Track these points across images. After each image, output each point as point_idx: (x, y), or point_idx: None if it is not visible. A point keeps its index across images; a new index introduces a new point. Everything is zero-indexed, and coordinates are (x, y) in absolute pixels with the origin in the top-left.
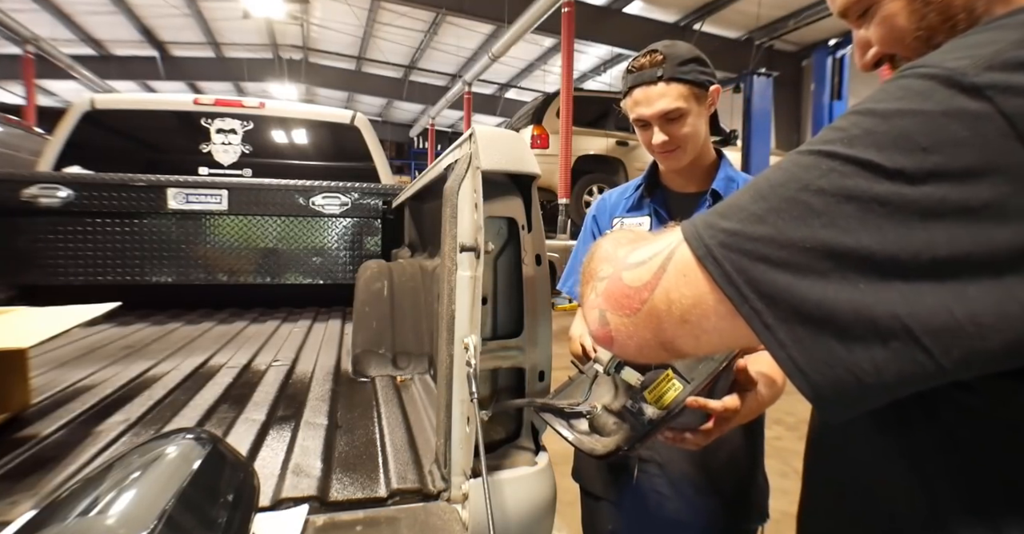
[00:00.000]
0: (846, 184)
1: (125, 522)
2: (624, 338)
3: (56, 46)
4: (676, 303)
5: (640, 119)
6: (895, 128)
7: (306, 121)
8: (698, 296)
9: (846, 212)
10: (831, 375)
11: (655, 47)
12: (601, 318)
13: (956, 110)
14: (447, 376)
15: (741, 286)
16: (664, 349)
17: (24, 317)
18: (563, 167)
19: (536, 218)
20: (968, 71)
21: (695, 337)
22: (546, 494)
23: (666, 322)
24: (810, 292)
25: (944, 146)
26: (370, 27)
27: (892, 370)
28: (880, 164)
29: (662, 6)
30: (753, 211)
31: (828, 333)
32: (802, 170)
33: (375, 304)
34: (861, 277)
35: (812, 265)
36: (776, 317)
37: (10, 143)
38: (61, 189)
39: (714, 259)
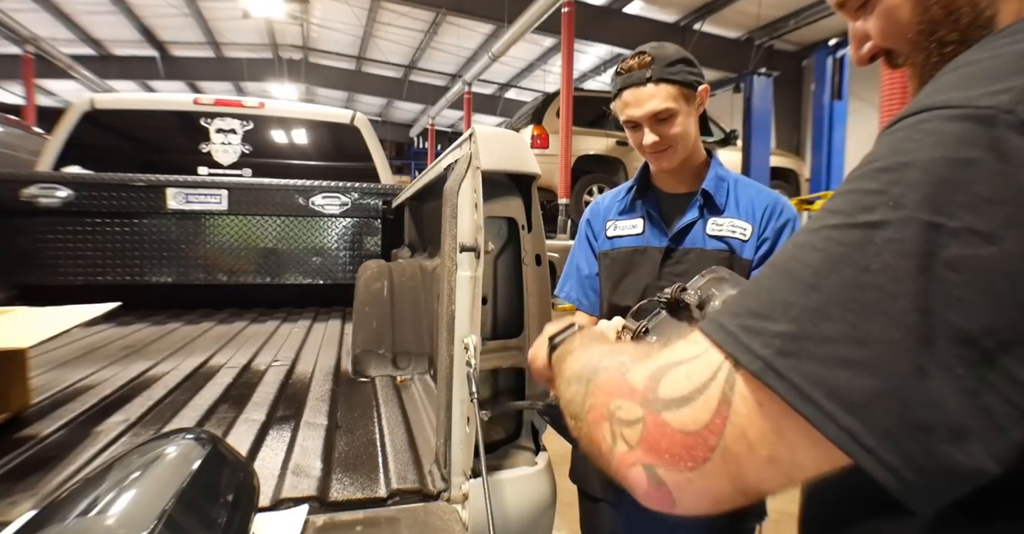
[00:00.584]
0: (911, 252)
1: (125, 522)
2: (693, 497)
3: (56, 46)
4: (759, 442)
5: (630, 120)
6: (947, 181)
7: (306, 121)
8: (780, 430)
9: (922, 287)
10: (952, 484)
11: (643, 49)
12: (651, 477)
13: (1014, 152)
14: (447, 376)
15: (821, 402)
16: (745, 496)
17: (24, 317)
18: (563, 167)
19: (536, 218)
20: (1014, 107)
21: (786, 475)
22: (546, 494)
23: (748, 467)
24: (910, 393)
25: (1011, 194)
26: (370, 27)
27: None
28: (941, 224)
29: (662, 6)
30: (807, 306)
31: (943, 440)
32: (852, 249)
33: (375, 304)
34: (959, 361)
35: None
36: (875, 433)
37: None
38: (61, 189)
39: (777, 374)
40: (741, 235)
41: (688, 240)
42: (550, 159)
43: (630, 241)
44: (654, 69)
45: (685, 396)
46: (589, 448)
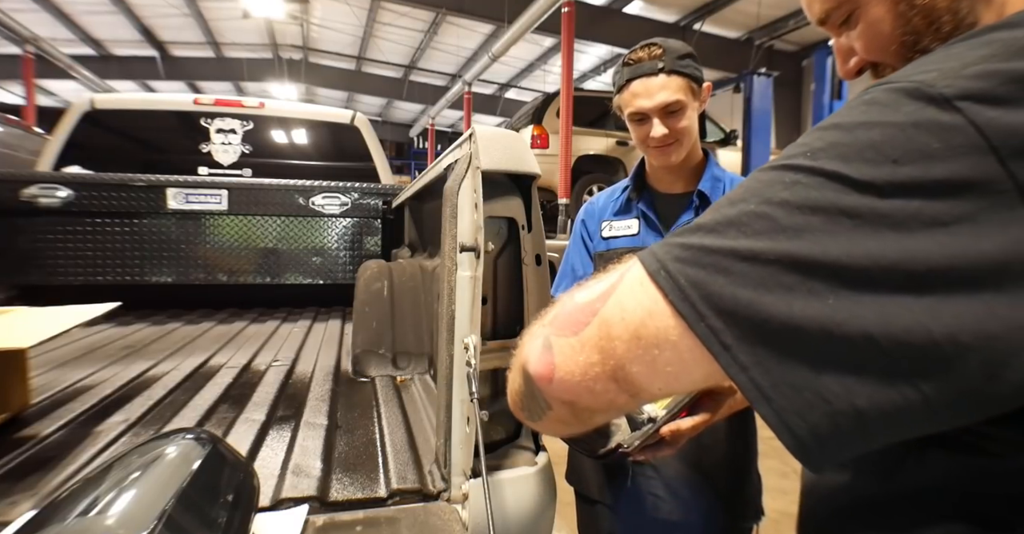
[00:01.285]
0: (811, 196)
1: (125, 522)
2: (568, 363)
3: (56, 46)
4: (631, 313)
5: (639, 112)
6: (861, 140)
7: (306, 121)
8: (652, 311)
9: (812, 224)
10: (798, 401)
11: (652, 41)
12: (544, 344)
13: (926, 121)
14: (447, 376)
15: (696, 302)
16: (614, 378)
17: (24, 317)
18: (563, 167)
19: (536, 218)
20: (936, 83)
21: (651, 362)
22: (546, 494)
23: (618, 337)
24: (775, 308)
25: (916, 158)
26: (370, 27)
27: (864, 395)
28: (847, 175)
29: (662, 6)
30: (711, 227)
31: (794, 353)
32: (764, 185)
33: (375, 304)
34: (830, 291)
35: (777, 278)
36: (736, 336)
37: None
38: (61, 189)
39: (667, 274)
40: None
41: None
42: (550, 159)
43: (625, 242)
44: (666, 60)
45: (594, 282)
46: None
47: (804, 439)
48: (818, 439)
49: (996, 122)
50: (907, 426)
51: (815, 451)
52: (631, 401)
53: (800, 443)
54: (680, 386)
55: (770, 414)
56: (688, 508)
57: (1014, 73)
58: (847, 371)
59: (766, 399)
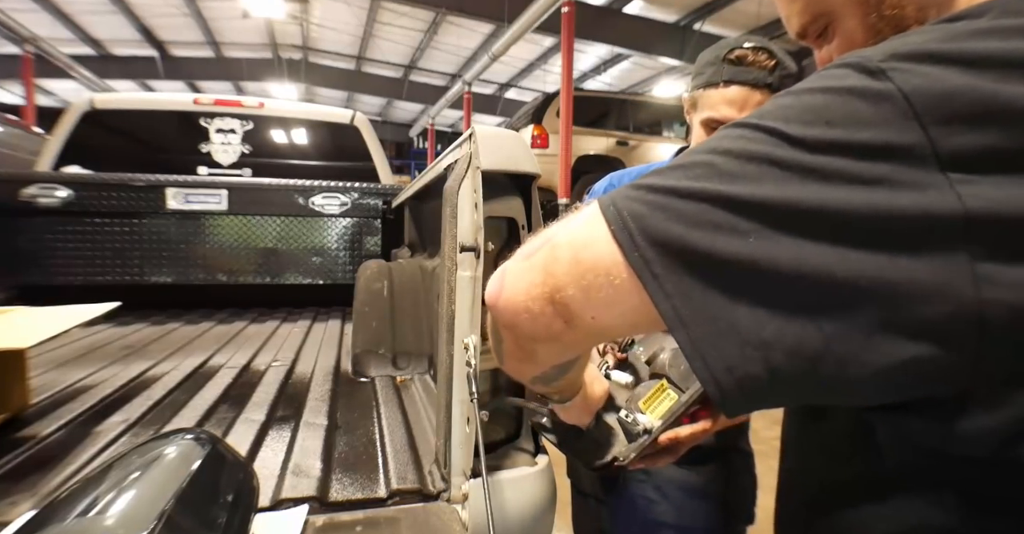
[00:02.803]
0: (749, 147)
1: (124, 522)
2: (515, 282)
3: (55, 46)
4: (575, 238)
5: (721, 121)
6: (804, 103)
7: (306, 121)
8: (595, 237)
9: (746, 170)
10: (712, 330)
11: (766, 45)
12: (501, 271)
13: (860, 88)
14: (447, 376)
15: (634, 233)
16: (551, 301)
17: (24, 317)
18: (563, 167)
19: (536, 218)
20: (875, 57)
21: (585, 287)
22: (546, 494)
23: (561, 259)
24: (702, 242)
25: (847, 122)
26: (370, 27)
27: (771, 328)
28: (784, 132)
29: (662, 6)
30: (661, 171)
31: (715, 286)
32: (716, 139)
33: (375, 304)
34: (753, 230)
35: (708, 216)
36: (665, 266)
37: (9, 143)
38: (60, 189)
39: (615, 208)
40: None
41: None
42: (550, 159)
43: None
44: (775, 76)
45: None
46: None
47: (715, 370)
48: (729, 371)
49: (921, 89)
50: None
51: (725, 385)
52: (566, 330)
53: (711, 373)
54: (610, 317)
55: (686, 341)
56: (680, 510)
57: (945, 51)
58: (759, 304)
59: (684, 325)
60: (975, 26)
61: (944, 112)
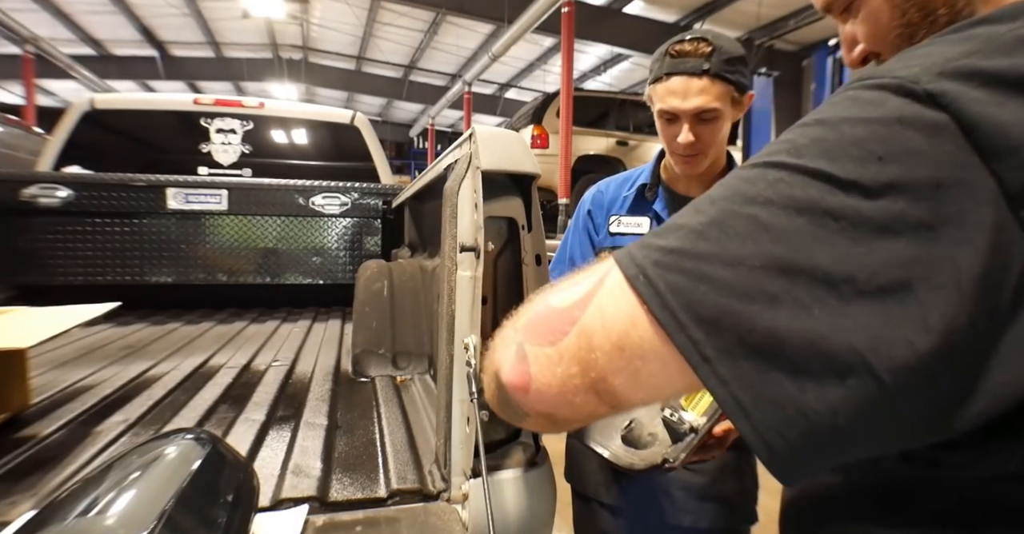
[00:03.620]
0: (796, 195)
1: (125, 522)
2: (545, 375)
3: (56, 46)
4: (612, 321)
5: (670, 112)
6: (846, 136)
7: (306, 121)
8: (634, 320)
9: (797, 226)
10: (779, 418)
11: (703, 35)
12: (518, 353)
13: (911, 118)
14: (447, 376)
15: (676, 310)
16: (594, 391)
17: (24, 317)
18: (563, 167)
19: (536, 218)
20: (920, 78)
21: (633, 373)
22: (547, 494)
23: (599, 348)
24: (758, 319)
25: (901, 156)
26: (370, 27)
27: (851, 415)
28: (832, 174)
29: (662, 6)
30: (692, 227)
31: (777, 368)
32: (746, 183)
33: (375, 304)
34: (815, 301)
35: (762, 286)
36: (716, 348)
37: (9, 143)
38: (61, 189)
39: (647, 279)
40: None
41: None
42: (550, 159)
43: (633, 241)
44: (713, 61)
45: (572, 284)
46: (487, 371)
47: (782, 456)
48: (795, 455)
49: (977, 119)
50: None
51: (790, 468)
52: (611, 411)
53: (777, 459)
54: (663, 396)
55: (748, 430)
56: (684, 510)
57: (994, 72)
58: (831, 388)
59: (745, 414)
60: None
61: (1006, 144)
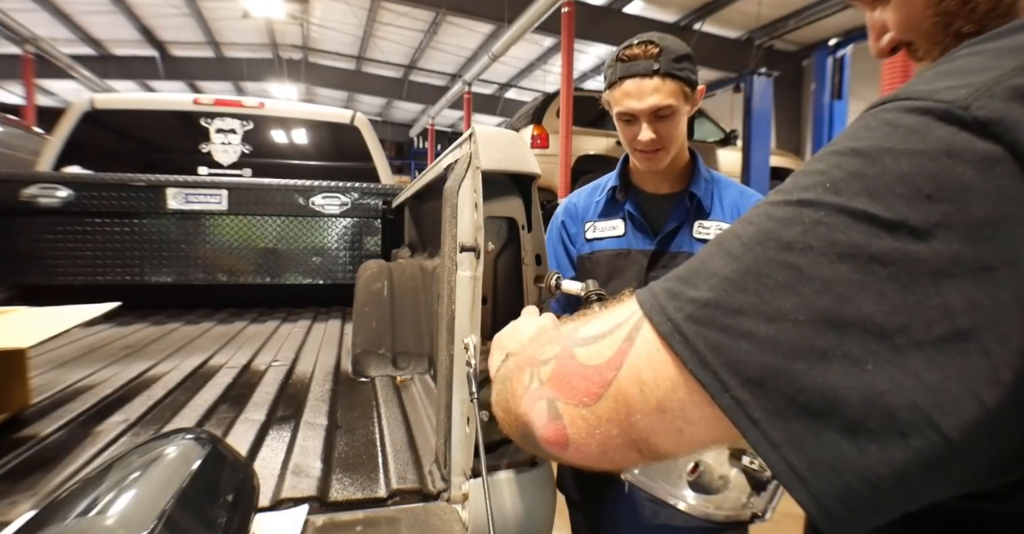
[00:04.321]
0: (837, 239)
1: (125, 522)
2: (583, 436)
3: (56, 46)
4: (651, 386)
5: (628, 113)
6: (889, 171)
7: (306, 121)
8: (673, 384)
9: (842, 274)
10: (839, 484)
11: (649, 38)
12: (551, 410)
13: (961, 150)
14: (447, 376)
15: (719, 370)
16: (636, 449)
17: (24, 317)
18: (563, 167)
19: (536, 218)
20: (969, 104)
21: (677, 432)
22: (546, 494)
23: (638, 411)
24: (807, 377)
25: (952, 193)
26: (370, 27)
27: (915, 476)
28: (876, 215)
29: (662, 6)
30: (726, 276)
31: (832, 428)
32: (780, 225)
33: (375, 304)
34: (868, 356)
35: (809, 342)
36: (765, 409)
37: (9, 143)
38: (61, 189)
39: (683, 337)
40: None
41: (675, 244)
42: (550, 159)
43: (611, 244)
44: (662, 62)
45: (598, 335)
46: (508, 393)
47: (842, 523)
48: (856, 521)
49: None
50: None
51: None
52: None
53: (837, 527)
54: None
55: (807, 500)
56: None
57: None
58: (894, 449)
59: (803, 482)
60: None
61: None
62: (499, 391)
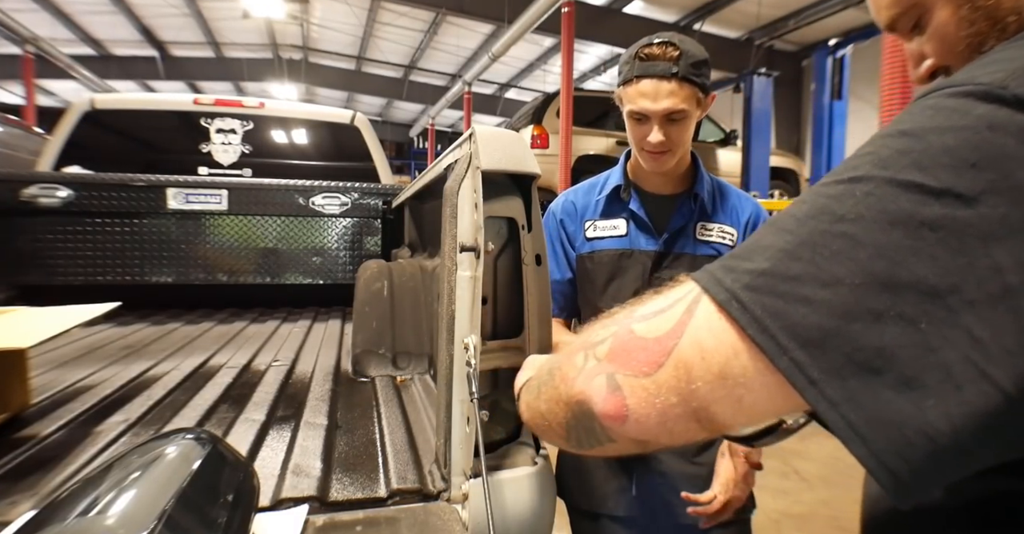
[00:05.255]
0: (888, 208)
1: (125, 522)
2: (643, 406)
3: (56, 46)
4: (712, 352)
5: (640, 113)
6: (935, 146)
7: (306, 121)
8: (734, 348)
9: (894, 240)
10: (898, 439)
11: (670, 40)
12: (610, 383)
13: (1003, 123)
14: (447, 376)
15: (777, 334)
16: (695, 419)
17: (24, 317)
18: (563, 167)
19: (536, 218)
20: (1008, 84)
21: (737, 400)
22: (546, 494)
23: (699, 378)
24: (863, 337)
25: (996, 161)
26: (370, 27)
27: (972, 430)
28: (924, 184)
29: (662, 6)
30: (781, 247)
31: (889, 385)
32: (832, 200)
33: (375, 304)
34: (922, 315)
35: (864, 304)
36: (823, 369)
37: (10, 143)
38: (61, 189)
39: (740, 304)
40: (729, 241)
41: (678, 245)
42: (550, 159)
43: (613, 243)
44: (681, 65)
45: (655, 311)
46: (552, 383)
47: (904, 479)
48: (917, 477)
49: None
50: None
51: (913, 489)
52: (711, 435)
53: (900, 483)
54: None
55: (866, 455)
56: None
57: None
58: (951, 403)
59: (861, 438)
60: None
61: None
62: (537, 388)
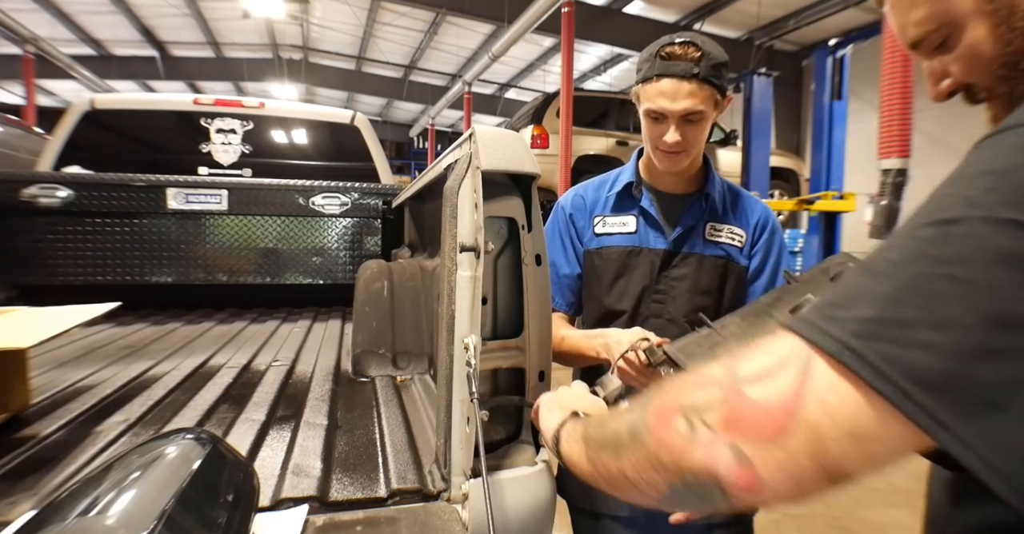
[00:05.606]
0: (988, 246)
1: (125, 522)
2: (776, 475)
3: (56, 46)
4: (839, 412)
5: (658, 112)
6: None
7: (306, 121)
8: (860, 404)
9: (999, 277)
10: None
11: (691, 40)
12: (737, 455)
13: None
14: (447, 376)
15: (898, 380)
16: (826, 476)
17: (24, 317)
18: (563, 167)
19: (536, 218)
20: None
21: (869, 454)
22: (546, 494)
23: (830, 438)
24: (988, 375)
25: None
26: (370, 27)
27: None
28: (1018, 219)
29: (662, 6)
30: (884, 293)
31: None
32: (926, 244)
33: (375, 304)
34: None
35: (981, 343)
36: (951, 411)
37: (10, 143)
38: (61, 189)
39: (854, 354)
40: (738, 242)
41: (688, 244)
42: (550, 159)
43: (622, 240)
44: (702, 66)
45: (765, 371)
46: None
47: None
48: None
49: None
50: None
51: None
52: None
53: None
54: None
55: (1009, 493)
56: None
57: None
58: None
59: (1000, 476)
60: None
61: None
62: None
